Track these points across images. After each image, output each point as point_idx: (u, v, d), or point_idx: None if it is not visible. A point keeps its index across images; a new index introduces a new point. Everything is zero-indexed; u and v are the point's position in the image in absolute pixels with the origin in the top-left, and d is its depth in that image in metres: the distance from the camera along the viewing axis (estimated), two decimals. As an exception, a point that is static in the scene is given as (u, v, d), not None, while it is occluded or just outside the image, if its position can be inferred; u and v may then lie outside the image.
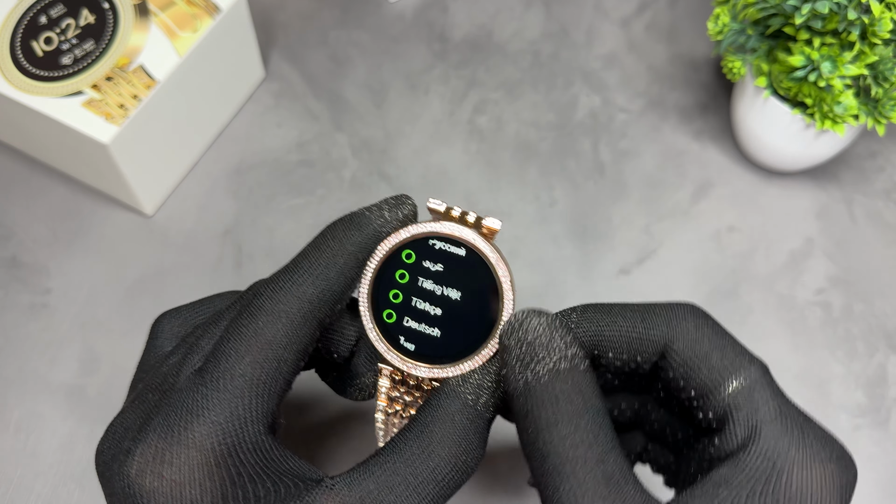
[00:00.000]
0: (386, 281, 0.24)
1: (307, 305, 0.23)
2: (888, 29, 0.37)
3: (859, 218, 0.48)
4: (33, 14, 0.45)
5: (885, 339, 0.44)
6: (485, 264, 0.24)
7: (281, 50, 0.53)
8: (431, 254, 0.24)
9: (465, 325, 0.24)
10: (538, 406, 0.21)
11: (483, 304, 0.24)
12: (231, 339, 0.22)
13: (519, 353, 0.22)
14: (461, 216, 0.24)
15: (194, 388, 0.22)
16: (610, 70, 0.53)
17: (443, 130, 0.50)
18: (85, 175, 0.47)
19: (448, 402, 0.23)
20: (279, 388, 0.23)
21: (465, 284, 0.24)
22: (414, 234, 0.24)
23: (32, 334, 0.43)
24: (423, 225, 0.24)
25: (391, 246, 0.24)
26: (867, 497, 0.40)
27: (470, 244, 0.24)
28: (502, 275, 0.24)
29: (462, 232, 0.24)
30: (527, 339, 0.22)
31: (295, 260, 0.24)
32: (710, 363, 0.23)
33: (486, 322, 0.24)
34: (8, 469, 0.40)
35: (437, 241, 0.24)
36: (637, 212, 0.47)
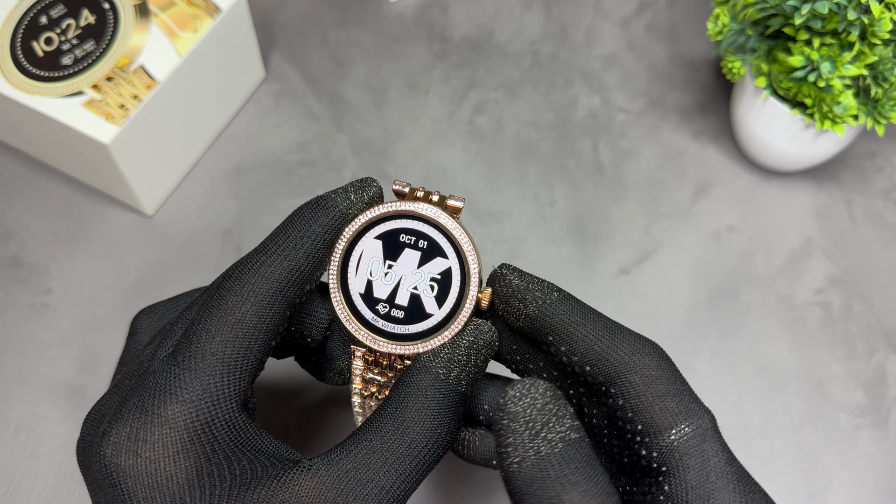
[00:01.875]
0: (354, 261, 0.25)
1: (275, 285, 0.23)
2: (888, 29, 0.37)
3: (859, 218, 0.48)
4: (34, 14, 0.45)
5: (885, 339, 0.44)
6: (450, 242, 0.24)
7: (281, 50, 0.53)
8: (398, 233, 0.25)
9: (433, 302, 0.24)
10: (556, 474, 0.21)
11: (449, 281, 0.24)
12: (201, 319, 0.23)
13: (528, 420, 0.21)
14: (426, 195, 0.24)
15: (167, 369, 0.22)
16: (610, 70, 0.53)
17: (443, 130, 0.50)
18: (85, 175, 0.47)
19: (420, 378, 0.23)
20: (251, 366, 0.23)
21: (432, 262, 0.24)
22: (381, 213, 0.25)
23: (33, 334, 0.43)
24: (389, 205, 0.25)
25: (359, 226, 0.25)
26: (867, 497, 0.40)
27: (435, 221, 0.24)
28: (468, 251, 0.24)
29: (427, 210, 0.24)
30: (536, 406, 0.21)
31: (263, 242, 0.25)
32: (664, 404, 0.23)
33: (454, 298, 0.24)
34: (8, 469, 0.40)
35: (404, 219, 0.25)
36: (637, 212, 0.48)
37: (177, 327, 0.24)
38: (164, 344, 0.24)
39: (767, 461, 0.41)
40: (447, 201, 0.24)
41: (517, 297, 0.24)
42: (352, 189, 0.25)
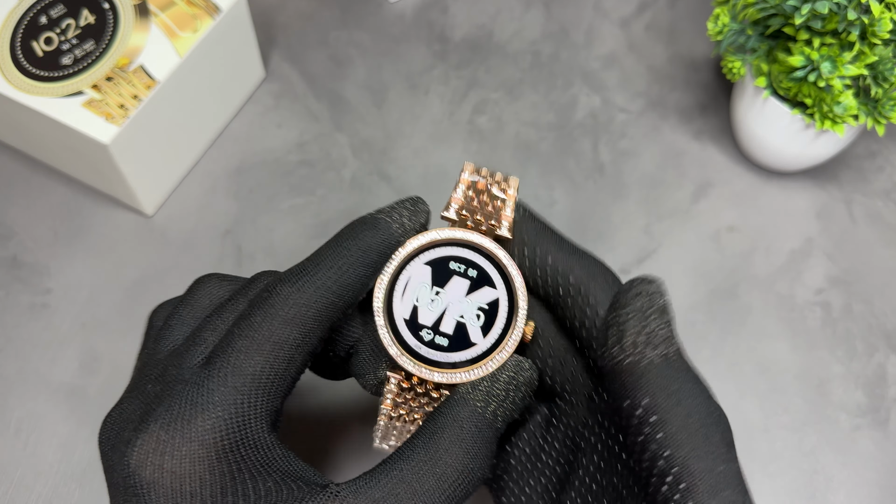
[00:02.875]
0: (401, 286, 0.24)
1: (322, 308, 0.23)
2: (888, 29, 0.37)
3: (859, 218, 0.48)
4: (33, 14, 0.45)
5: (885, 339, 0.44)
6: (500, 273, 0.24)
7: (281, 50, 0.53)
8: (447, 260, 0.24)
9: (478, 332, 0.24)
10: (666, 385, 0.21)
11: (496, 312, 0.24)
12: (242, 335, 0.22)
13: (642, 327, 0.21)
14: (476, 224, 0.24)
15: (200, 381, 0.22)
16: (610, 70, 0.53)
17: (443, 130, 0.50)
18: (85, 175, 0.47)
19: (457, 410, 0.23)
20: (285, 387, 0.23)
21: (480, 291, 0.24)
22: (432, 239, 0.24)
23: (33, 334, 0.43)
24: (441, 231, 0.24)
25: (409, 251, 0.24)
26: (867, 497, 0.40)
27: (487, 251, 0.24)
28: (518, 283, 0.24)
29: (479, 239, 0.24)
30: (651, 313, 0.22)
31: (313, 259, 0.24)
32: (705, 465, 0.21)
33: (500, 329, 0.24)
34: (8, 469, 0.40)
35: (454, 246, 0.24)
36: (637, 212, 0.48)
37: (206, 333, 0.24)
38: (193, 349, 0.23)
39: (768, 461, 0.41)
40: (497, 232, 0.24)
41: None
42: (406, 213, 0.25)
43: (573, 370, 0.26)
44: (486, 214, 0.24)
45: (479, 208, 0.24)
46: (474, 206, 0.24)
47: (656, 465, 0.21)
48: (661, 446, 0.21)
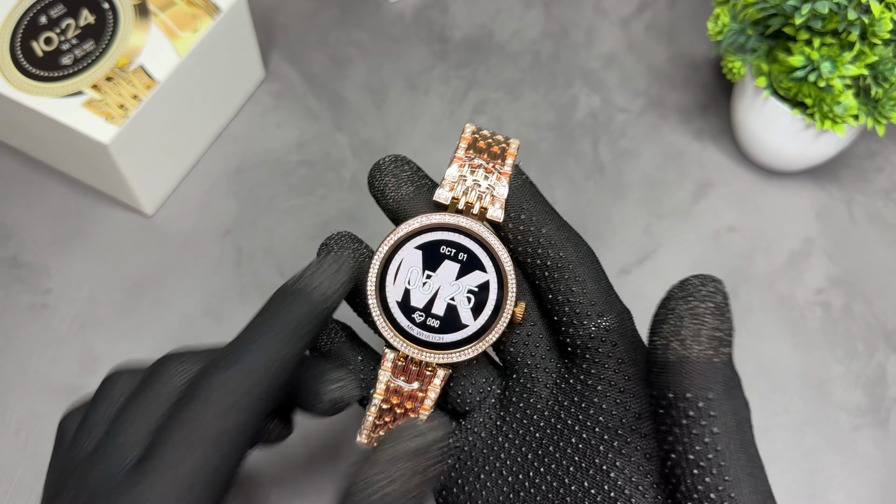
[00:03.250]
0: (393, 270, 0.25)
1: (262, 392, 0.22)
2: (888, 29, 0.37)
3: (859, 218, 0.48)
4: (33, 14, 0.45)
5: (885, 339, 0.44)
6: (490, 256, 0.25)
7: (281, 50, 0.53)
8: (438, 244, 0.25)
9: (469, 314, 0.25)
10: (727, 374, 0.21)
11: (486, 294, 0.25)
12: (176, 431, 0.21)
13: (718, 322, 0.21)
14: (466, 207, 0.25)
15: (133, 484, 0.20)
16: (610, 70, 0.53)
17: (443, 130, 0.50)
18: (85, 175, 0.47)
19: None
20: (229, 479, 0.21)
21: (470, 274, 0.25)
22: (423, 224, 0.25)
23: (33, 334, 0.43)
24: (432, 216, 0.25)
25: (400, 236, 0.25)
26: (867, 497, 0.40)
27: (476, 235, 0.25)
28: (507, 266, 0.24)
29: (468, 224, 0.25)
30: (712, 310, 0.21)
31: (242, 340, 0.23)
32: None
33: (490, 311, 0.25)
34: (8, 469, 0.40)
35: (445, 231, 0.25)
36: (637, 212, 0.48)
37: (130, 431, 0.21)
38: (118, 450, 0.21)
39: (768, 461, 0.41)
40: (487, 214, 0.25)
41: None
42: (325, 276, 0.24)
43: (541, 347, 0.26)
44: (479, 195, 0.25)
45: (472, 188, 0.25)
46: (467, 187, 0.25)
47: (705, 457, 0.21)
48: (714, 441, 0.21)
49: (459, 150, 0.25)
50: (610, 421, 0.24)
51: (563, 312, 0.25)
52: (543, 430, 0.26)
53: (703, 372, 0.21)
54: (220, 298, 0.44)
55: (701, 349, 0.21)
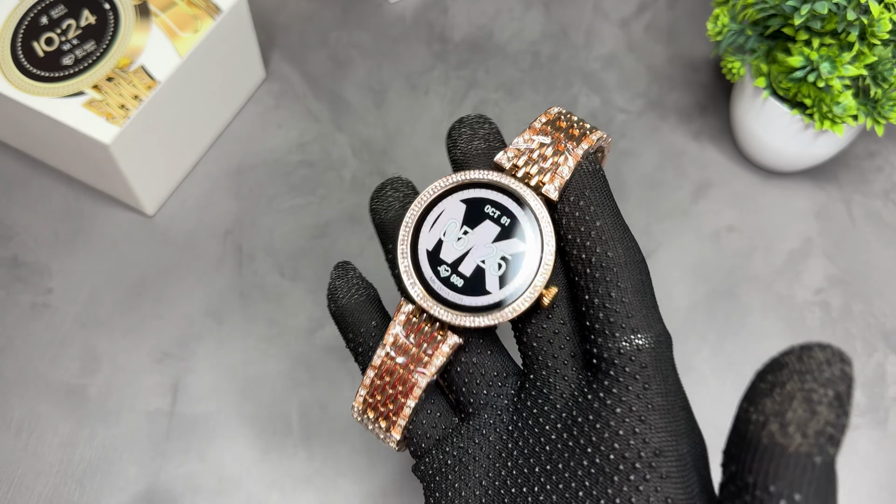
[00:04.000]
0: (433, 217, 0.24)
1: None
2: (887, 29, 0.38)
3: (858, 218, 0.48)
4: (34, 15, 0.45)
5: (884, 339, 0.44)
6: (535, 229, 0.23)
7: (281, 50, 0.53)
8: (484, 203, 0.23)
9: (496, 281, 0.23)
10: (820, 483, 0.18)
11: (519, 265, 0.23)
12: None
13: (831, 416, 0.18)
14: (525, 177, 0.23)
15: None
16: (609, 71, 0.53)
17: (443, 131, 0.50)
18: (86, 175, 0.47)
19: None
20: None
21: (508, 241, 0.23)
22: (473, 178, 0.23)
23: (33, 334, 0.43)
24: (486, 173, 0.23)
25: (448, 185, 0.24)
26: (866, 497, 0.40)
27: (527, 202, 0.23)
28: (549, 246, 0.23)
29: (521, 190, 0.23)
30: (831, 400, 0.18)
31: None
32: None
33: (518, 284, 0.23)
34: (9, 469, 0.40)
35: (495, 190, 0.23)
36: (636, 212, 0.48)
37: None
38: None
39: (767, 461, 0.41)
40: (542, 189, 0.23)
41: None
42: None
43: (565, 350, 0.24)
44: (540, 169, 0.23)
45: (536, 160, 0.23)
46: (532, 158, 0.23)
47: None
48: None
49: (536, 122, 0.24)
50: (626, 451, 0.22)
51: (596, 319, 0.23)
52: (555, 445, 0.23)
53: (797, 467, 0.18)
54: (220, 298, 0.45)
55: (804, 442, 0.18)
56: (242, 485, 0.40)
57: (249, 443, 0.41)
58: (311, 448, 0.41)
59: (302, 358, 0.43)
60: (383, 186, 0.26)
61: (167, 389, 0.42)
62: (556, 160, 0.23)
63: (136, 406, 0.42)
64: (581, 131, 0.24)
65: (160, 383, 0.42)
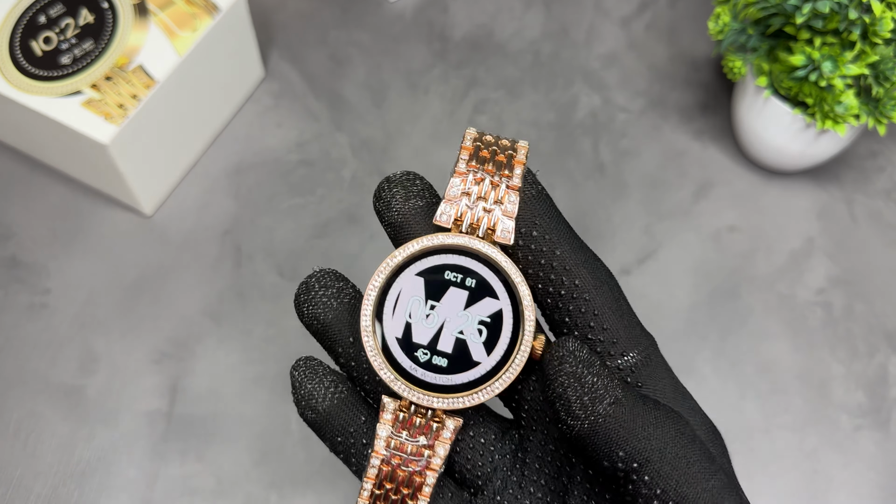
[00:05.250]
0: (392, 301, 0.22)
1: None
2: (889, 28, 0.37)
3: (860, 218, 0.48)
4: (32, 14, 0.45)
5: (886, 340, 0.44)
6: (502, 281, 0.22)
7: (280, 50, 0.53)
8: (442, 269, 0.22)
9: (481, 349, 0.22)
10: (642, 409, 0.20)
11: (500, 325, 0.21)
12: None
13: (582, 388, 0.20)
14: (470, 229, 0.21)
15: None
16: (610, 70, 0.53)
17: (443, 130, 0.50)
18: (84, 175, 0.47)
19: None
20: None
21: (480, 302, 0.22)
22: (424, 247, 0.21)
23: (32, 334, 0.43)
24: (433, 237, 0.22)
25: (398, 261, 0.22)
26: (868, 498, 0.40)
27: (485, 256, 0.21)
28: (523, 291, 0.21)
29: (477, 245, 0.21)
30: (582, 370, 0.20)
31: None
32: None
33: (505, 345, 0.21)
34: (8, 469, 0.40)
35: (449, 254, 0.22)
36: (637, 212, 0.47)
37: None
38: None
39: (768, 461, 0.41)
40: (494, 236, 0.21)
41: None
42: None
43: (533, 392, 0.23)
44: (485, 213, 0.21)
45: (476, 205, 0.21)
46: (470, 206, 0.22)
47: None
48: (651, 488, 0.20)
49: (460, 163, 0.22)
50: None
51: None
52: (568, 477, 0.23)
53: (604, 435, 0.20)
54: (219, 298, 0.44)
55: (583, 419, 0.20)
56: (241, 486, 0.40)
57: (248, 444, 0.41)
58: (310, 449, 0.41)
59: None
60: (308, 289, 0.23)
61: (166, 390, 0.42)
62: (497, 197, 0.21)
63: (134, 407, 0.41)
64: (506, 154, 0.22)
65: (159, 384, 0.42)
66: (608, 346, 0.22)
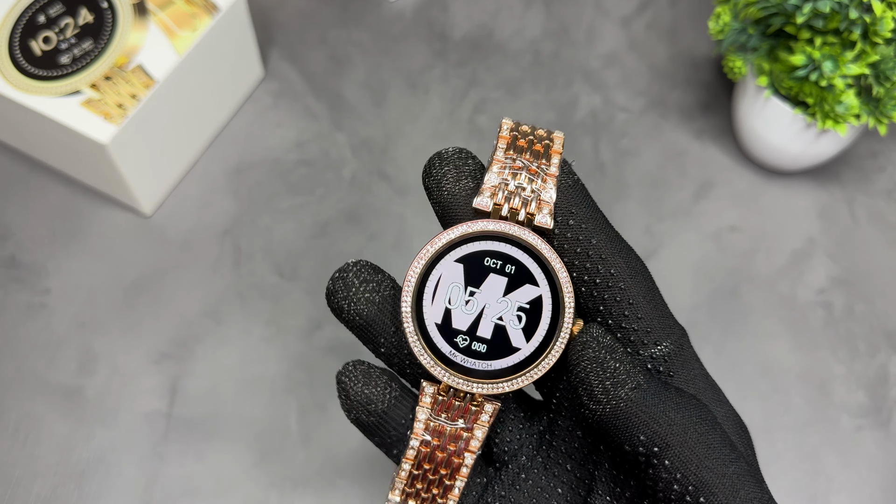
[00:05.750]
0: (431, 287, 0.22)
1: None
2: (889, 28, 0.37)
3: (860, 218, 0.47)
4: (32, 13, 0.44)
5: (887, 340, 0.44)
6: (542, 267, 0.22)
7: (280, 49, 0.53)
8: (482, 256, 0.22)
9: (520, 335, 0.22)
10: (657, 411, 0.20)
11: (539, 311, 0.22)
12: None
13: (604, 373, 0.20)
14: (510, 214, 0.22)
15: None
16: (610, 69, 0.53)
17: (443, 130, 0.50)
18: (83, 175, 0.47)
19: None
20: None
21: (520, 289, 0.22)
22: (464, 233, 0.22)
23: (31, 334, 0.43)
24: (473, 224, 0.22)
25: (438, 248, 0.22)
26: (868, 498, 0.40)
27: (525, 243, 0.22)
28: (562, 277, 0.22)
29: (516, 231, 0.22)
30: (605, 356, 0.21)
31: None
32: None
33: (545, 330, 0.22)
34: (7, 469, 0.40)
35: (488, 240, 0.22)
36: (638, 211, 0.47)
37: None
38: None
39: (769, 461, 0.41)
40: (534, 220, 0.22)
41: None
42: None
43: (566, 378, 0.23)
44: (524, 200, 0.22)
45: (516, 192, 0.22)
46: (510, 192, 0.22)
47: (673, 489, 0.20)
48: (671, 472, 0.20)
49: (498, 152, 0.22)
50: None
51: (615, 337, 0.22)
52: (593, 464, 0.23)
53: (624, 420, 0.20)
54: (218, 298, 0.44)
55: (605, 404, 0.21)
56: (241, 486, 0.40)
57: (248, 444, 0.41)
58: (309, 449, 0.41)
59: (301, 358, 0.43)
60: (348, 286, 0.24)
61: (165, 390, 0.42)
62: (535, 186, 0.22)
63: (134, 407, 0.41)
64: (543, 144, 0.22)
65: (158, 384, 0.42)
66: (642, 335, 0.22)
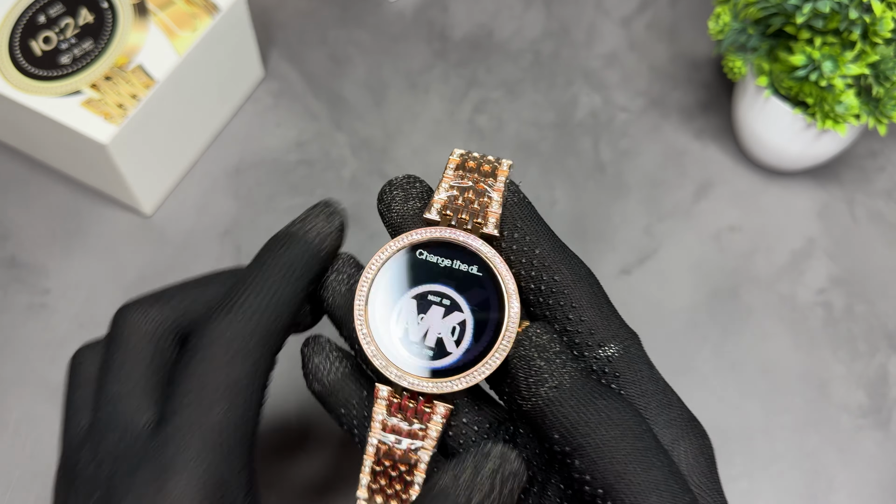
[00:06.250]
0: (382, 289, 0.23)
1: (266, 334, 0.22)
2: (889, 28, 0.37)
3: (860, 218, 0.48)
4: (32, 13, 0.45)
5: (887, 340, 0.44)
6: (487, 273, 0.23)
7: (280, 49, 0.53)
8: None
9: (468, 337, 0.23)
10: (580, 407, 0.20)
11: (486, 314, 0.23)
12: (189, 385, 0.20)
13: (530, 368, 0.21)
14: (459, 223, 0.23)
15: (161, 446, 0.20)
16: (610, 69, 0.53)
17: (443, 130, 0.50)
18: (84, 175, 0.47)
19: None
20: (255, 419, 0.21)
21: (467, 293, 0.23)
22: (413, 240, 0.23)
23: (31, 334, 0.43)
24: (423, 231, 0.23)
25: (389, 252, 0.23)
26: (869, 498, 0.40)
27: (472, 249, 0.23)
28: (510, 287, 0.23)
29: (463, 238, 0.23)
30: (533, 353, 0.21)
31: (238, 287, 0.23)
32: None
33: (490, 334, 0.23)
34: (6, 470, 0.40)
35: (436, 247, 0.23)
36: (638, 211, 0.47)
37: (128, 394, 0.21)
38: (122, 417, 0.21)
39: (769, 462, 0.41)
40: (483, 229, 0.23)
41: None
42: (320, 219, 0.24)
43: None
44: (472, 212, 0.23)
45: (463, 206, 0.23)
46: (458, 205, 0.23)
47: (585, 490, 0.20)
48: (582, 473, 0.20)
49: (448, 171, 0.24)
50: None
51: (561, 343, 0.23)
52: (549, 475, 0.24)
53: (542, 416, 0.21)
54: (219, 298, 0.44)
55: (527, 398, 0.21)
56: (241, 486, 0.40)
57: (248, 444, 0.41)
58: (310, 449, 0.41)
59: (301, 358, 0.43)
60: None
61: (165, 390, 0.42)
62: (482, 200, 0.24)
63: (134, 407, 0.41)
64: (491, 166, 0.24)
65: (158, 384, 0.42)
66: (586, 336, 0.23)
